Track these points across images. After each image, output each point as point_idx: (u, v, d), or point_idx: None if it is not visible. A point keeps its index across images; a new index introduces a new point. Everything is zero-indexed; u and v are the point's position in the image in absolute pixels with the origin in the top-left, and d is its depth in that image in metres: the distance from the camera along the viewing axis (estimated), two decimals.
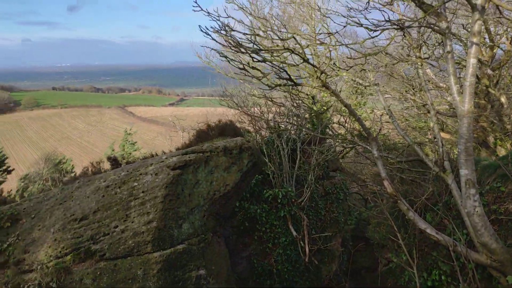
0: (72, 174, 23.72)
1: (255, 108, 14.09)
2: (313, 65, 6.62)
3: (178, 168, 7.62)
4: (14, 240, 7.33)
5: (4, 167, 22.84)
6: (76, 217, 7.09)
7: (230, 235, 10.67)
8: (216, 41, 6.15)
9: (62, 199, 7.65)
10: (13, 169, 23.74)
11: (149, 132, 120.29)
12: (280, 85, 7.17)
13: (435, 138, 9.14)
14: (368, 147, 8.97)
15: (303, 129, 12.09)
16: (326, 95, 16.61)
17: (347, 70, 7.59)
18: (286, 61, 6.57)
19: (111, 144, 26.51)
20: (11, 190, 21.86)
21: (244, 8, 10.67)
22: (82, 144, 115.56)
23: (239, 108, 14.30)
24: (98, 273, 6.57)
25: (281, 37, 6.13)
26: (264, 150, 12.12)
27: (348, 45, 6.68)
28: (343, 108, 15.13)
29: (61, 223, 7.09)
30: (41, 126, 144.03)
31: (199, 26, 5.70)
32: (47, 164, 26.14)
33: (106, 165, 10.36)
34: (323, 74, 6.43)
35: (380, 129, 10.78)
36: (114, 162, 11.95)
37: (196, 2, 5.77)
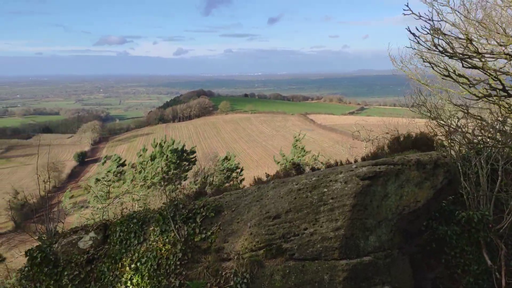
0: (239, 170, 25.16)
1: (451, 120, 12.86)
2: None
3: (367, 179, 7.51)
4: (216, 230, 8.11)
5: (192, 159, 25.78)
6: (270, 215, 7.61)
7: (415, 254, 10.04)
8: (420, 44, 5.85)
9: (259, 197, 8.32)
10: (196, 160, 26.30)
11: (328, 139, 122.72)
12: (490, 95, 6.39)
13: None
14: None
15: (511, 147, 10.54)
16: None
17: None
18: (501, 69, 5.83)
19: (280, 150, 27.88)
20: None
21: (456, 12, 9.77)
22: (267, 147, 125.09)
23: (433, 119, 13.23)
24: (287, 271, 6.93)
25: (500, 43, 5.46)
26: (460, 168, 11.02)
27: None
28: None
29: (257, 219, 7.73)
30: (233, 129, 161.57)
31: (408, 28, 5.49)
32: (213, 162, 28.71)
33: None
34: None
35: None
36: (298, 167, 12.58)
37: (407, 6, 5.61)
